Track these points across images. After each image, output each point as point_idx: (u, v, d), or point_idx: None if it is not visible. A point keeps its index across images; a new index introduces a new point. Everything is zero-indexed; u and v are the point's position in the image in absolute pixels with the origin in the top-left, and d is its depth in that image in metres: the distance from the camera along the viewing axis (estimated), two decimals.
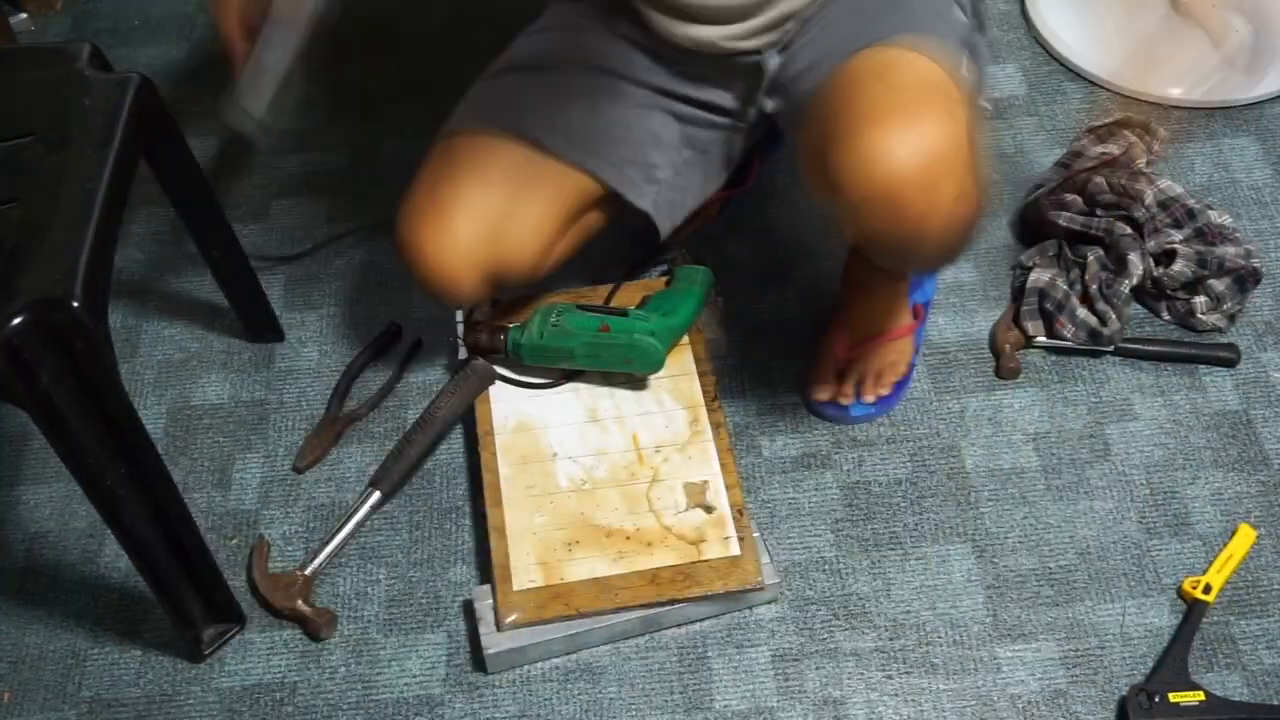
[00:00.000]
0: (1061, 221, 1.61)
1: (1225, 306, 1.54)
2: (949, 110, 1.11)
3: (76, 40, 1.58)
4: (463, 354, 1.50)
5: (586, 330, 1.42)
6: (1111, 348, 1.51)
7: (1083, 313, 1.50)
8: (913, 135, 1.07)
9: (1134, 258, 1.52)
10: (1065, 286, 1.53)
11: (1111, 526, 1.39)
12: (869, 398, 1.48)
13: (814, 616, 1.34)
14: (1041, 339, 1.53)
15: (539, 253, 1.34)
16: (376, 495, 1.40)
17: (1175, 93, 1.82)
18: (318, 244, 1.70)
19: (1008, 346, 1.51)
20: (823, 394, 1.49)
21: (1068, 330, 1.50)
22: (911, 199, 1.08)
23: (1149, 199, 1.60)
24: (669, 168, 1.40)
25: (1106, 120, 1.72)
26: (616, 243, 1.54)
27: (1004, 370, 1.51)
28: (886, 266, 1.36)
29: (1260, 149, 1.76)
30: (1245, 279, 1.55)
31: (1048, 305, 1.52)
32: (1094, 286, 1.52)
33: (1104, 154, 1.67)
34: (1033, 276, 1.55)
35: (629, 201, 1.39)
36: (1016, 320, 1.54)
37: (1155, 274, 1.54)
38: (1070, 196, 1.64)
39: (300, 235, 1.73)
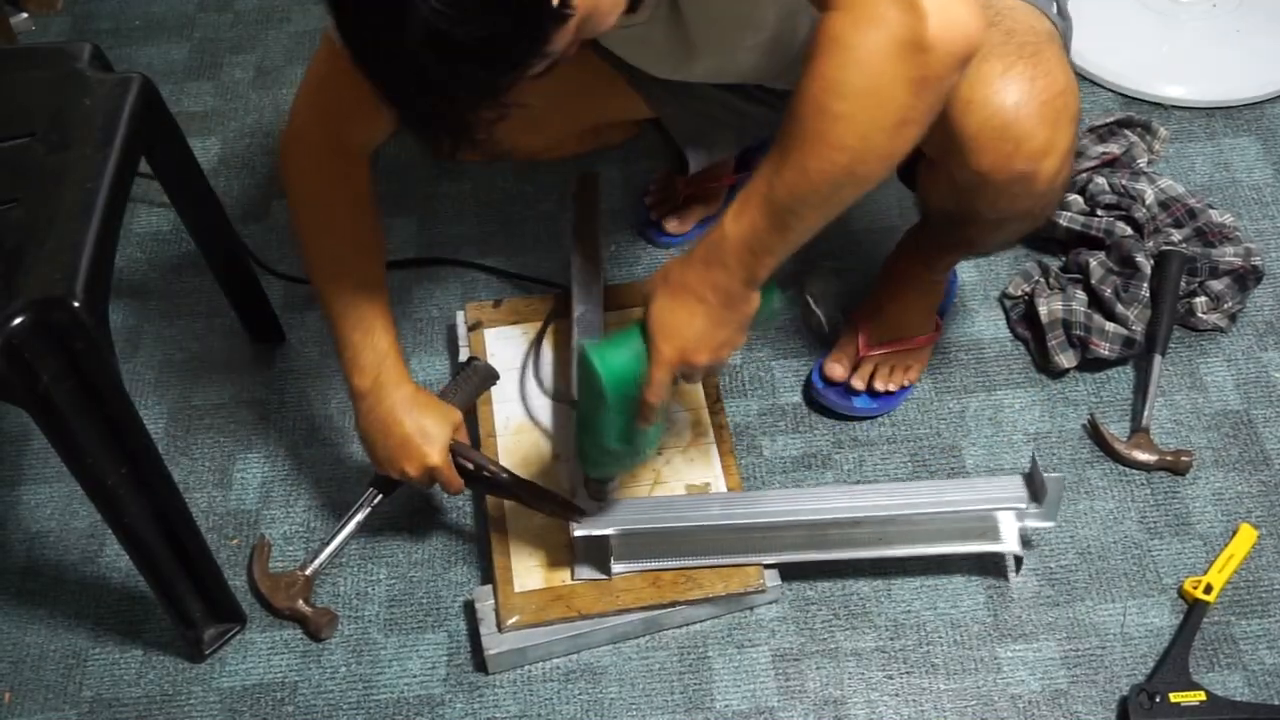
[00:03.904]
0: (1062, 222, 1.61)
1: (1226, 306, 1.54)
2: (1060, 58, 1.14)
3: (77, 40, 1.58)
4: (464, 355, 1.50)
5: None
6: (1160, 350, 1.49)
7: (1111, 327, 1.49)
8: (1035, 77, 1.11)
9: (1141, 259, 1.52)
10: (1083, 308, 1.51)
11: (1112, 526, 1.39)
12: (876, 386, 1.48)
13: (814, 616, 1.34)
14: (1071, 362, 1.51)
15: (551, 143, 1.32)
16: (377, 496, 1.39)
17: (1176, 92, 1.82)
18: None
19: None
20: (836, 372, 1.48)
21: (1104, 348, 1.48)
22: (1031, 133, 1.11)
23: (1150, 199, 1.60)
24: (718, 105, 1.42)
25: (1107, 120, 1.73)
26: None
27: None
28: (981, 215, 1.24)
29: (1261, 148, 1.76)
30: (1246, 278, 1.55)
31: (1076, 333, 1.49)
32: (1108, 293, 1.51)
33: (1104, 154, 1.67)
34: (1043, 310, 1.51)
35: (673, 138, 1.48)
36: (1046, 357, 1.51)
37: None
38: (1070, 196, 1.63)
39: None
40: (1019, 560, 1.33)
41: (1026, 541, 1.35)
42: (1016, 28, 1.14)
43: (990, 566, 1.35)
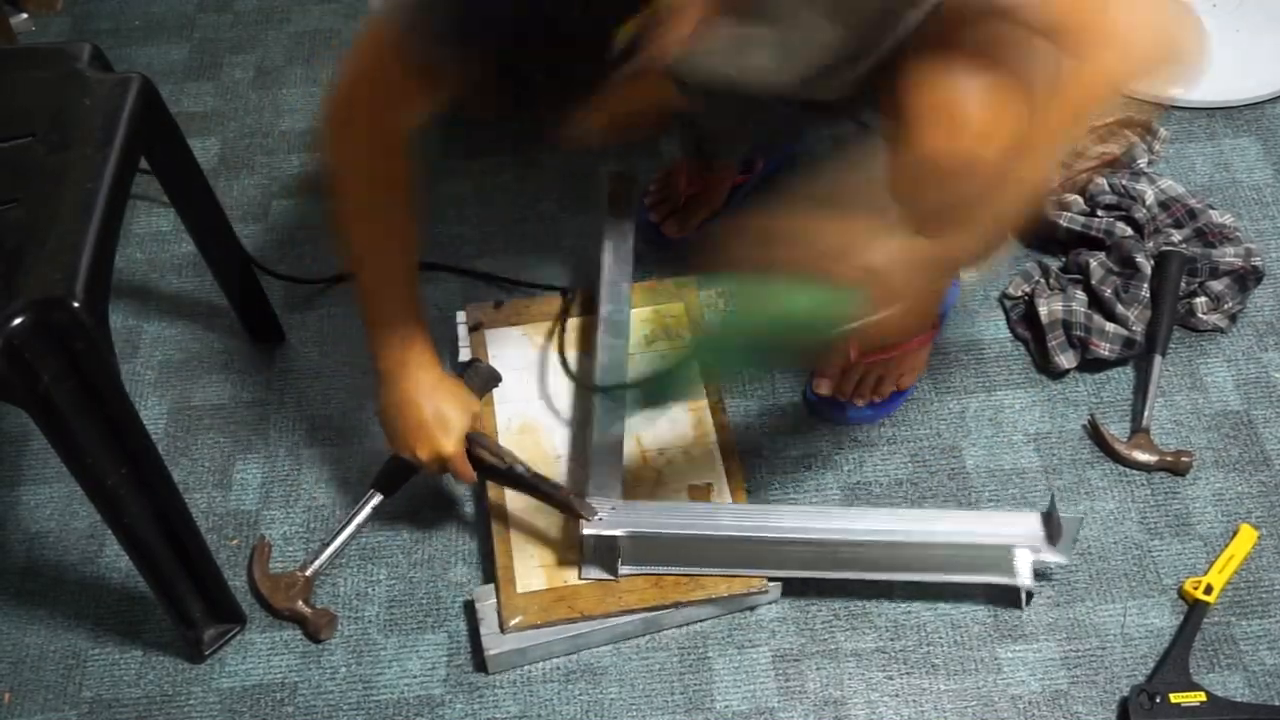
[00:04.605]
0: (1062, 222, 1.61)
1: (1226, 306, 1.54)
2: None
3: (77, 40, 1.58)
4: (465, 355, 1.50)
5: None
6: (1161, 351, 1.49)
7: (1111, 327, 1.49)
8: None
9: (1141, 259, 1.52)
10: (1084, 309, 1.51)
11: (1112, 527, 1.39)
12: (861, 401, 1.48)
13: (815, 617, 1.34)
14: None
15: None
16: (378, 497, 1.39)
17: (1175, 92, 1.82)
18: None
19: None
20: (822, 388, 1.49)
21: (1104, 349, 1.48)
22: (974, 114, 1.05)
23: (1150, 199, 1.60)
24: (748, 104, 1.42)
25: (1107, 120, 1.72)
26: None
27: None
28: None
29: (1261, 149, 1.76)
30: (1246, 278, 1.55)
31: (1076, 333, 1.49)
32: (1108, 293, 1.51)
33: (1104, 154, 1.67)
34: (1043, 311, 1.52)
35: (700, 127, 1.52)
36: (1046, 358, 1.51)
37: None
38: (1070, 197, 1.64)
39: (300, 236, 1.73)
40: (1030, 595, 1.32)
41: (1041, 575, 1.35)
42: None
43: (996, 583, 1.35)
